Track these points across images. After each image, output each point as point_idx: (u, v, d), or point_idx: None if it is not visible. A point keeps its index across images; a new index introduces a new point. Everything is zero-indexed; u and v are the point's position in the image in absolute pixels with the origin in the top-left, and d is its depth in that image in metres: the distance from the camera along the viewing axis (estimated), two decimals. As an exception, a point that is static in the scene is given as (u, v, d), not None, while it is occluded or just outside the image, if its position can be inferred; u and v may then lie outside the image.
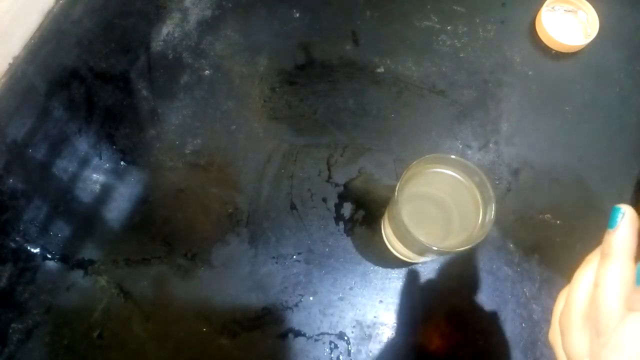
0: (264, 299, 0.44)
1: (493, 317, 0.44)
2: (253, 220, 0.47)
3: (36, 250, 0.45)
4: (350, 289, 0.44)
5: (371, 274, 0.45)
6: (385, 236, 0.45)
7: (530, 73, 0.53)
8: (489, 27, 0.55)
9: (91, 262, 0.45)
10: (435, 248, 0.35)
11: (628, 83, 0.53)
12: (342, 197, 0.47)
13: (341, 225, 0.47)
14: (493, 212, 0.35)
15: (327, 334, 0.43)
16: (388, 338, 0.43)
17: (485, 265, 0.45)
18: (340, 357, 0.42)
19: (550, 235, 0.47)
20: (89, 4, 0.55)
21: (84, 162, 0.49)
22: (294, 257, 0.45)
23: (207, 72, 0.52)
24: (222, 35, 0.54)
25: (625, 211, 0.26)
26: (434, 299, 0.44)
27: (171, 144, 0.49)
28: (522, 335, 0.43)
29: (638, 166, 0.49)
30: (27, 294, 0.44)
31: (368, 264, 0.45)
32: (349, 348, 0.43)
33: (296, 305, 0.44)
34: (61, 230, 0.46)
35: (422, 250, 0.39)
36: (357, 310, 0.44)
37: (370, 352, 0.43)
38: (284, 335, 0.43)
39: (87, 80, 0.52)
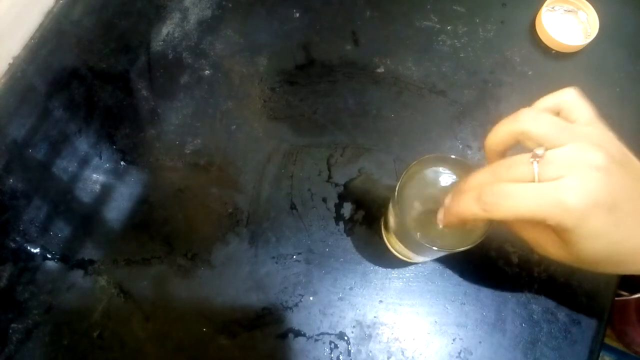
0: (264, 299, 0.44)
1: (493, 317, 0.44)
2: (253, 220, 0.47)
3: (36, 250, 0.45)
4: (350, 289, 0.44)
5: (371, 274, 0.45)
6: (385, 236, 0.45)
7: (530, 73, 0.53)
8: (489, 27, 0.55)
9: (91, 262, 0.45)
10: (435, 248, 0.34)
11: (628, 83, 0.53)
12: (342, 197, 0.47)
13: (341, 225, 0.47)
14: (493, 212, 0.35)
15: (327, 334, 0.43)
16: (388, 338, 0.43)
17: (485, 265, 0.45)
18: (340, 357, 0.42)
19: (550, 235, 0.47)
20: (89, 4, 0.55)
21: (84, 162, 0.49)
22: (294, 257, 0.45)
23: (207, 72, 0.52)
24: (222, 35, 0.54)
25: None
26: (434, 299, 0.44)
27: (171, 144, 0.49)
28: (522, 335, 0.43)
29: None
30: (27, 294, 0.44)
31: (368, 264, 0.45)
32: (349, 348, 0.43)
33: (296, 305, 0.44)
34: (61, 230, 0.46)
35: (422, 250, 0.39)
36: (357, 310, 0.44)
37: (370, 352, 0.43)
38: (284, 335, 0.43)
39: (87, 80, 0.52)
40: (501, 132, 0.30)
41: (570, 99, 0.30)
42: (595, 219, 0.25)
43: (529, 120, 0.28)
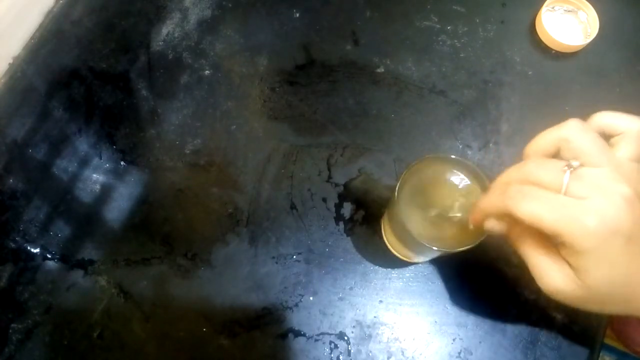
0: (264, 299, 0.44)
1: (493, 317, 0.44)
2: (253, 220, 0.47)
3: (36, 250, 0.45)
4: (350, 289, 0.44)
5: (371, 274, 0.45)
6: (385, 236, 0.45)
7: (530, 73, 0.53)
8: (489, 27, 0.55)
9: (91, 262, 0.45)
10: (435, 248, 0.35)
11: (628, 83, 0.53)
12: (342, 197, 0.47)
13: (341, 225, 0.47)
14: (493, 212, 0.35)
15: (327, 334, 0.43)
16: (388, 338, 0.43)
17: (485, 265, 0.45)
18: (340, 357, 0.42)
19: (550, 235, 0.47)
20: (89, 4, 0.55)
21: (84, 162, 0.49)
22: (294, 257, 0.45)
23: (207, 72, 0.52)
24: (222, 35, 0.54)
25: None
26: (433, 299, 0.44)
27: (171, 144, 0.49)
28: (522, 335, 0.43)
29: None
30: (27, 294, 0.44)
31: (368, 264, 0.45)
32: (349, 348, 0.43)
33: (296, 305, 0.44)
34: (61, 230, 0.46)
35: (422, 250, 0.39)
36: (357, 310, 0.44)
37: (370, 352, 0.43)
38: (284, 335, 0.43)
39: (87, 80, 0.52)
40: (545, 137, 0.30)
41: (636, 130, 0.30)
42: (612, 246, 0.25)
43: (576, 129, 0.28)
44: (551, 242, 0.28)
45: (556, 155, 0.29)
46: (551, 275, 0.28)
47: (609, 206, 0.25)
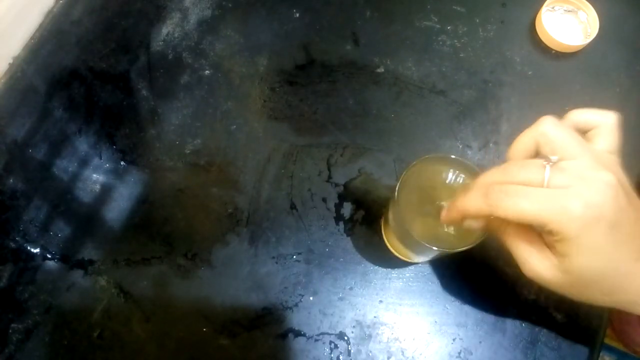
0: (264, 299, 0.44)
1: (493, 317, 0.44)
2: (253, 220, 0.47)
3: (36, 250, 0.45)
4: (350, 289, 0.44)
5: (371, 274, 0.45)
6: (385, 236, 0.45)
7: (530, 73, 0.53)
8: (489, 27, 0.55)
9: (91, 262, 0.45)
10: (435, 248, 0.35)
11: (628, 83, 0.53)
12: (342, 197, 0.47)
13: (341, 225, 0.47)
14: (493, 212, 0.35)
15: (327, 334, 0.43)
16: (388, 338, 0.43)
17: (485, 265, 0.45)
18: (340, 357, 0.42)
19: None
20: (89, 4, 0.55)
21: (84, 162, 0.49)
22: (294, 257, 0.45)
23: (207, 72, 0.52)
24: (222, 35, 0.54)
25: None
26: (433, 299, 0.44)
27: (171, 144, 0.49)
28: (522, 335, 0.43)
29: (638, 166, 0.49)
30: (27, 294, 0.44)
31: (368, 264, 0.45)
32: (349, 348, 0.43)
33: (296, 305, 0.44)
34: (61, 230, 0.46)
35: (422, 250, 0.39)
36: (357, 310, 0.44)
37: (370, 352, 0.43)
38: (284, 335, 0.43)
39: (87, 80, 0.52)
40: (523, 137, 0.30)
41: (610, 123, 0.30)
42: (596, 232, 0.25)
43: (551, 125, 0.29)
44: (533, 229, 0.29)
45: (536, 154, 0.30)
46: (533, 262, 0.29)
47: (592, 192, 0.25)
